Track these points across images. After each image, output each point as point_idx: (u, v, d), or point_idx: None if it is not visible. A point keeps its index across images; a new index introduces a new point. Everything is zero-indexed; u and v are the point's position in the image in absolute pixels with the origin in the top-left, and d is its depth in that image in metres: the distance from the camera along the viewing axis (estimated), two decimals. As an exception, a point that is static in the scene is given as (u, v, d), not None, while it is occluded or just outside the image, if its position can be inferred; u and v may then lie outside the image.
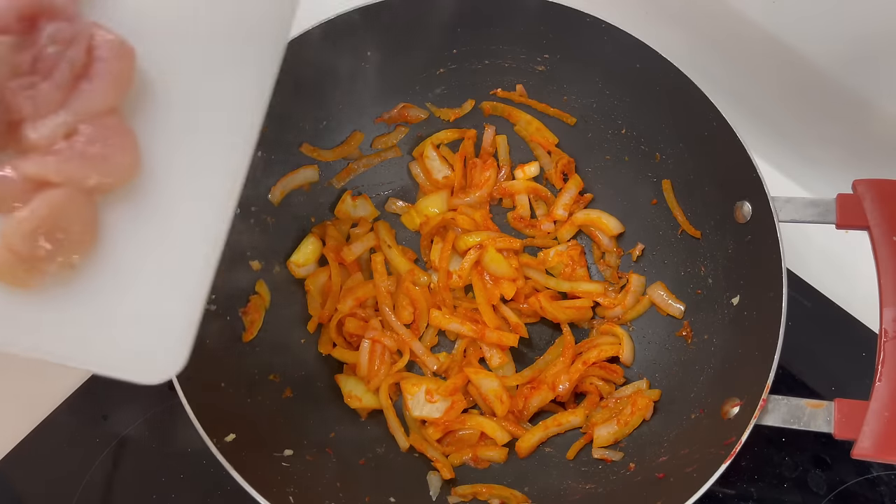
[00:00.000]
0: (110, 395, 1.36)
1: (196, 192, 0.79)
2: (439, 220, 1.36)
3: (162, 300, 0.77)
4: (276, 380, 1.23)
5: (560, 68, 1.32)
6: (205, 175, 0.80)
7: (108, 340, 0.75)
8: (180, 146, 0.79)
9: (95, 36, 0.72)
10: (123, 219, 0.75)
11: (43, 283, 0.71)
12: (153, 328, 0.77)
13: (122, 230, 0.75)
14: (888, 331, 0.98)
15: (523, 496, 1.19)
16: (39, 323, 0.73)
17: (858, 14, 1.19)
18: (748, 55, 1.39)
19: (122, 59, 0.73)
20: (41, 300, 0.72)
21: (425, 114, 1.41)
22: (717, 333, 1.20)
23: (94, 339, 0.75)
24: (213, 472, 1.29)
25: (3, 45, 0.67)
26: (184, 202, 0.78)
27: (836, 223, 1.06)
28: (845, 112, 1.34)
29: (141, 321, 0.76)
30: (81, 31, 0.71)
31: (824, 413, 0.99)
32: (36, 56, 0.69)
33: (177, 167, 0.78)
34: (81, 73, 0.71)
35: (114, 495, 1.30)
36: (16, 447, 1.33)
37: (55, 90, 0.70)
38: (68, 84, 0.70)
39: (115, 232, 0.75)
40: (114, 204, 0.74)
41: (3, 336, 0.72)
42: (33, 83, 0.69)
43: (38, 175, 0.69)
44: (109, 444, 1.32)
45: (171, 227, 0.78)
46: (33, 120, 0.69)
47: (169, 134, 0.78)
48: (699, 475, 1.01)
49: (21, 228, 0.68)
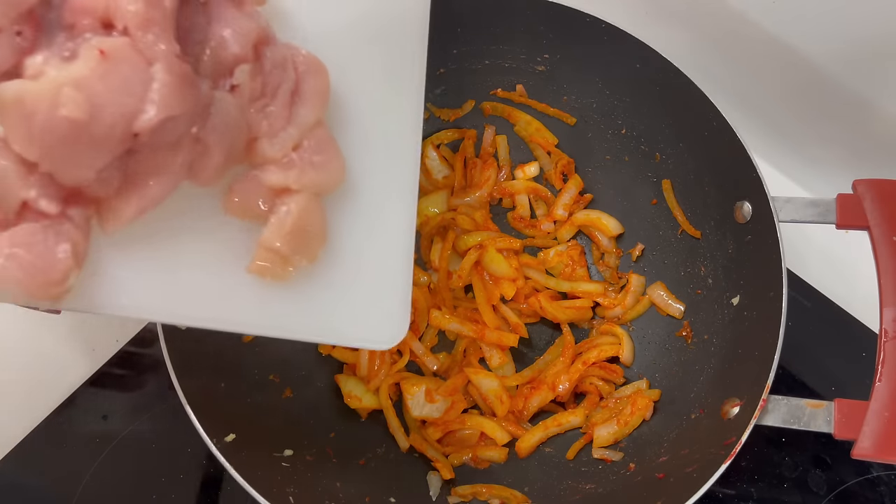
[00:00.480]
0: (110, 395, 1.37)
1: (389, 184, 0.94)
2: (439, 219, 1.36)
3: (382, 278, 0.92)
4: (276, 380, 1.23)
5: (560, 68, 1.32)
6: (392, 169, 0.94)
7: (347, 317, 0.89)
8: (368, 146, 0.92)
9: (295, 56, 0.82)
10: (341, 214, 0.89)
11: (293, 276, 0.84)
12: (379, 302, 0.92)
13: (342, 224, 0.89)
14: (888, 331, 0.98)
15: (523, 496, 1.18)
16: (291, 309, 0.86)
17: (858, 14, 1.19)
18: (748, 55, 1.39)
19: (321, 75, 0.84)
20: (292, 290, 0.85)
21: (426, 114, 1.41)
22: (717, 333, 1.20)
23: (335, 317, 0.88)
24: (212, 472, 1.30)
25: (244, 73, 0.77)
26: (381, 193, 0.93)
27: (837, 223, 1.06)
28: (845, 112, 1.34)
29: (369, 298, 0.91)
30: (285, 53, 0.81)
31: (824, 413, 0.99)
32: (263, 80, 0.79)
33: (370, 165, 0.92)
34: (295, 91, 0.82)
35: (114, 495, 1.30)
36: (16, 447, 1.33)
37: (282, 109, 0.80)
38: (289, 102, 0.81)
39: (338, 226, 0.89)
40: (330, 204, 0.87)
41: (264, 323, 0.85)
42: (265, 104, 0.80)
43: (282, 184, 0.80)
44: (109, 444, 1.32)
45: (377, 216, 0.92)
46: (269, 137, 0.80)
47: (359, 137, 0.91)
48: (699, 475, 1.01)
49: (281, 230, 0.81)
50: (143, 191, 0.73)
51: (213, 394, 1.12)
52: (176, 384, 1.04)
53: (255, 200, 0.81)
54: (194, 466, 1.31)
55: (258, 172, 0.80)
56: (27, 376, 1.39)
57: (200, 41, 0.76)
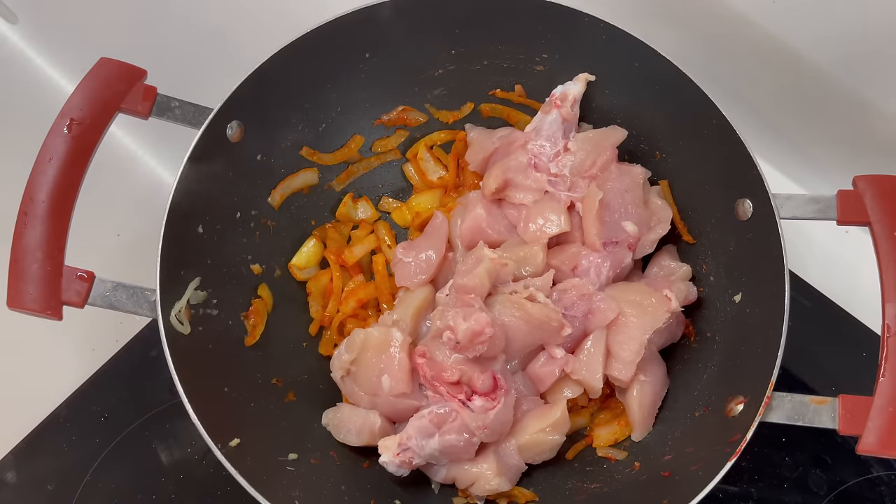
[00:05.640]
0: (110, 395, 1.36)
1: None
2: (430, 212, 1.36)
3: None
4: (279, 384, 1.23)
5: (559, 68, 1.32)
6: None
7: None
8: None
9: None
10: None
11: None
12: None
13: None
14: (891, 326, 0.98)
15: (531, 493, 1.18)
16: None
17: (858, 14, 1.20)
18: (748, 55, 1.40)
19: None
20: None
21: (424, 117, 1.41)
22: (720, 331, 1.20)
23: None
24: (212, 472, 1.30)
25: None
26: None
27: (837, 219, 1.06)
28: (845, 112, 1.35)
29: None
30: None
31: (828, 409, 0.99)
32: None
33: None
34: None
35: (114, 495, 1.30)
36: (16, 447, 1.33)
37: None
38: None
39: None
40: None
41: None
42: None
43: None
44: (109, 444, 1.32)
45: None
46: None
47: None
48: (705, 473, 1.01)
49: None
50: None
51: (217, 399, 1.12)
52: (180, 390, 1.03)
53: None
54: (194, 467, 1.31)
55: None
56: (27, 376, 1.39)
57: None
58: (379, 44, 1.30)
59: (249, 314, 1.24)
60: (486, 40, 1.32)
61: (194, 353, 1.10)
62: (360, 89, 1.35)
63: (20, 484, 1.31)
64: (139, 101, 1.14)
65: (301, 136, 1.33)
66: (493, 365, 1.13)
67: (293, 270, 1.33)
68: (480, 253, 1.17)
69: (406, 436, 1.12)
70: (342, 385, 1.22)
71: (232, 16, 1.69)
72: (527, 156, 1.27)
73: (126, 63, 1.15)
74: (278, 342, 1.27)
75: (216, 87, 1.17)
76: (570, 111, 1.27)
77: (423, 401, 1.16)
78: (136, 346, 1.40)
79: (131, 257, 1.46)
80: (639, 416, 1.19)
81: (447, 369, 1.11)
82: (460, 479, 1.16)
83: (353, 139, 1.39)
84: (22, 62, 1.69)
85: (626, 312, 1.17)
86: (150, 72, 1.16)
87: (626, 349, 1.16)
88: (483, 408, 1.11)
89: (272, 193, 1.31)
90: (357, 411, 1.19)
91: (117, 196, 1.51)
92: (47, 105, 1.16)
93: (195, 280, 1.15)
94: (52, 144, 1.08)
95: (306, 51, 1.23)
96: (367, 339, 1.17)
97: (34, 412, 1.35)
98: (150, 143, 1.60)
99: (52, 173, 1.07)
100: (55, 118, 1.09)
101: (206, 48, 1.66)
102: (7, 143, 1.44)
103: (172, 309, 1.09)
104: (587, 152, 1.26)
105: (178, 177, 1.12)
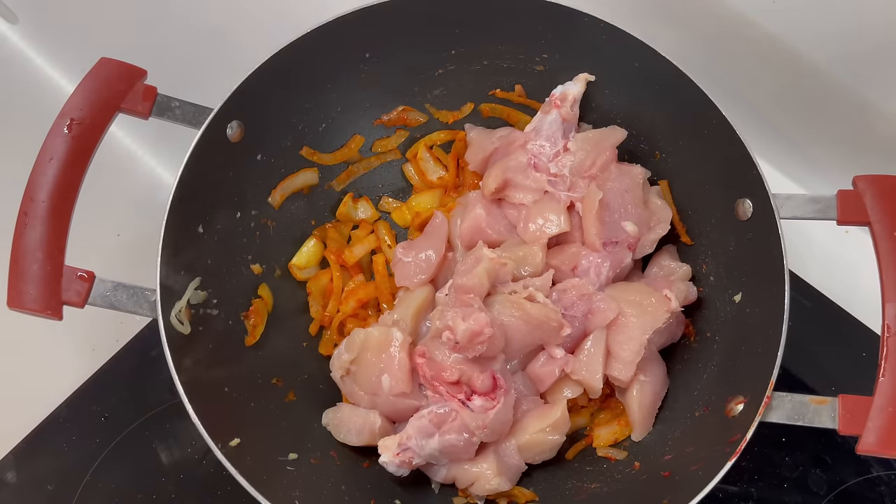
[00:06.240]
0: (110, 395, 1.36)
1: None
2: (430, 212, 1.36)
3: None
4: (279, 384, 1.23)
5: (559, 68, 1.32)
6: None
7: None
8: None
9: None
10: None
11: None
12: None
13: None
14: (891, 326, 0.98)
15: (531, 493, 1.18)
16: None
17: (858, 14, 1.20)
18: (748, 55, 1.40)
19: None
20: None
21: (425, 117, 1.41)
22: (720, 331, 1.20)
23: None
24: (212, 472, 1.30)
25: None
26: None
27: (837, 219, 1.06)
28: (845, 112, 1.35)
29: None
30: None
31: (828, 409, 0.99)
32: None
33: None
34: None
35: (114, 495, 1.30)
36: (16, 447, 1.33)
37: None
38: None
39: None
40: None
41: None
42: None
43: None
44: (109, 444, 1.32)
45: None
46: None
47: None
48: (705, 473, 1.01)
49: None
50: None
51: (217, 399, 1.11)
52: (180, 390, 1.03)
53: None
54: (194, 466, 1.31)
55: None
56: (27, 376, 1.39)
57: None
58: (379, 44, 1.30)
59: (249, 314, 1.24)
60: (486, 40, 1.32)
61: (194, 353, 1.10)
62: (360, 89, 1.35)
63: (20, 484, 1.31)
64: (139, 101, 1.14)
65: (301, 136, 1.33)
66: (493, 365, 1.13)
67: (293, 270, 1.33)
68: (480, 253, 1.17)
69: (406, 436, 1.12)
70: (342, 385, 1.22)
71: (232, 16, 1.69)
72: (526, 156, 1.27)
73: (126, 63, 1.15)
74: (278, 342, 1.27)
75: (216, 87, 1.17)
76: (570, 111, 1.27)
77: (422, 401, 1.16)
78: (136, 346, 1.40)
79: (131, 257, 1.46)
80: (639, 416, 1.19)
81: (447, 369, 1.11)
82: (460, 479, 1.16)
83: (353, 139, 1.39)
84: (22, 62, 1.69)
85: (626, 312, 1.17)
86: (150, 72, 1.16)
87: (625, 349, 1.16)
88: (483, 408, 1.11)
89: (272, 193, 1.31)
90: (357, 411, 1.19)
91: (117, 196, 1.51)
92: (47, 105, 1.16)
93: (195, 280, 1.15)
94: (53, 144, 1.08)
95: (306, 51, 1.23)
96: (367, 339, 1.17)
97: (34, 412, 1.35)
98: (150, 143, 1.60)
99: (53, 173, 1.07)
100: (55, 118, 1.09)
101: (206, 48, 1.66)
102: (7, 143, 1.44)
103: (172, 309, 1.09)
104: (587, 152, 1.26)
105: (179, 177, 1.12)
